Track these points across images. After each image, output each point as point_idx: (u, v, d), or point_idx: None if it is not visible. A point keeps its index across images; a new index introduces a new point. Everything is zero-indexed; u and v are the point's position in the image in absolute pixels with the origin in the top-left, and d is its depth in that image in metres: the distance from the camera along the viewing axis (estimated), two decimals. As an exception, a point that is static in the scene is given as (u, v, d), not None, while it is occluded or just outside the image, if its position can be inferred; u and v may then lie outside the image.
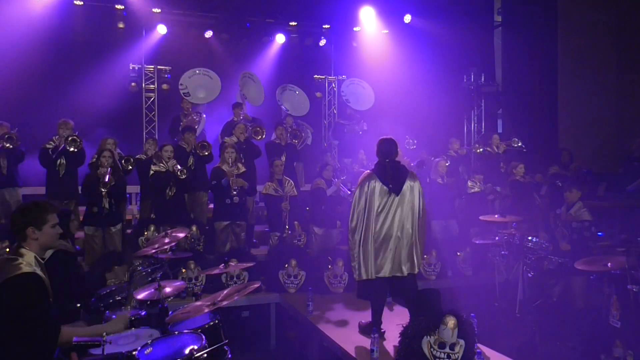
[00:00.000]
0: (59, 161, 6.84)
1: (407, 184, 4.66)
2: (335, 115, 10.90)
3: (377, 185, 4.62)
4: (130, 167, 7.21)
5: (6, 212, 6.85)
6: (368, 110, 10.02)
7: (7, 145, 6.72)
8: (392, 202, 4.61)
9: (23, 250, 2.88)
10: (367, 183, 4.65)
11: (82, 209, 7.15)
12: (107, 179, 6.24)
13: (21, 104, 8.26)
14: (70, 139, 6.75)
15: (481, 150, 8.98)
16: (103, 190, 6.27)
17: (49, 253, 4.13)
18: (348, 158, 9.18)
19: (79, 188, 7.00)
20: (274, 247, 7.23)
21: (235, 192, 6.82)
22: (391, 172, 4.65)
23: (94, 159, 6.94)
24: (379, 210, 4.61)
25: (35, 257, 2.89)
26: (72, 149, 6.76)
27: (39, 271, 2.83)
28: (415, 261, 4.71)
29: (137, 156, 7.59)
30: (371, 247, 4.61)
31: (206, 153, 7.38)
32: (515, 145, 8.93)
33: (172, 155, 6.92)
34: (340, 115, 10.59)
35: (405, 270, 4.66)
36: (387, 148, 4.73)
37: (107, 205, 6.40)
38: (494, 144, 9.04)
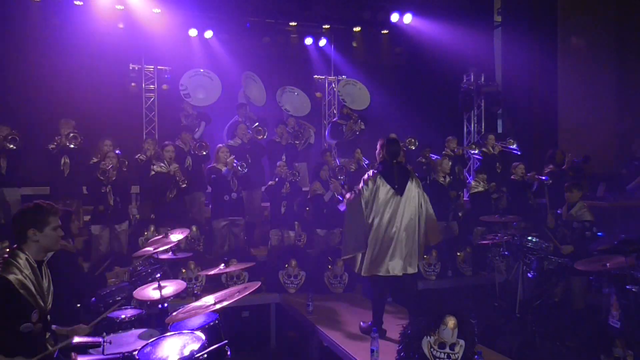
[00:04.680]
0: (62, 160, 6.84)
1: (409, 184, 4.71)
2: (335, 116, 10.90)
3: (382, 185, 4.65)
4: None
5: (5, 212, 6.84)
6: (368, 111, 10.01)
7: (11, 146, 6.69)
8: (397, 203, 4.64)
9: (19, 253, 2.87)
10: (372, 182, 4.67)
11: (85, 208, 7.18)
12: (108, 169, 6.27)
13: (21, 104, 8.26)
14: (71, 135, 6.75)
15: (477, 151, 8.97)
16: (101, 178, 6.28)
17: (49, 253, 4.15)
18: (345, 158, 9.16)
19: (84, 188, 7.02)
20: (273, 247, 7.23)
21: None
22: (397, 173, 4.70)
23: (94, 161, 6.94)
24: (386, 210, 4.62)
25: (27, 260, 2.87)
26: (72, 146, 6.75)
27: (19, 276, 2.81)
28: (417, 260, 4.74)
29: (136, 156, 7.59)
30: (377, 247, 4.62)
31: (204, 153, 7.39)
32: (511, 146, 8.91)
33: (174, 156, 6.92)
34: (337, 114, 10.58)
35: (410, 269, 4.68)
36: (393, 148, 4.78)
37: (112, 202, 6.42)
38: (490, 144, 9.05)
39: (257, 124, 8.11)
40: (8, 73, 8.29)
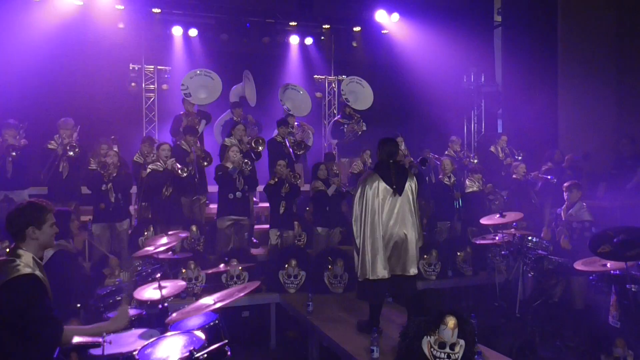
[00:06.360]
0: (62, 164, 6.86)
1: (407, 184, 4.70)
2: (335, 116, 10.90)
3: (381, 185, 4.63)
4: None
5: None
6: (368, 111, 10.01)
7: (13, 153, 6.63)
8: (396, 203, 4.63)
9: (21, 252, 2.84)
10: (369, 183, 4.65)
11: (84, 209, 7.18)
12: (108, 162, 6.30)
13: (21, 103, 8.25)
14: (68, 147, 6.77)
15: (476, 161, 8.89)
16: (102, 171, 6.29)
17: (49, 252, 4.15)
18: (346, 158, 9.14)
19: (82, 189, 7.02)
20: (274, 246, 7.23)
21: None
22: (395, 172, 4.68)
23: (92, 165, 6.94)
24: (384, 211, 4.61)
25: (33, 257, 2.87)
26: (71, 153, 6.79)
27: (37, 272, 2.81)
28: (417, 260, 4.75)
29: (134, 157, 7.60)
30: (378, 248, 4.61)
31: (205, 164, 7.42)
32: (518, 157, 8.86)
33: (170, 155, 6.92)
34: (339, 114, 10.57)
35: (411, 270, 4.69)
36: (390, 148, 4.77)
37: (113, 200, 6.44)
38: (501, 145, 8.99)
39: (258, 137, 8.04)
40: (8, 73, 8.28)
